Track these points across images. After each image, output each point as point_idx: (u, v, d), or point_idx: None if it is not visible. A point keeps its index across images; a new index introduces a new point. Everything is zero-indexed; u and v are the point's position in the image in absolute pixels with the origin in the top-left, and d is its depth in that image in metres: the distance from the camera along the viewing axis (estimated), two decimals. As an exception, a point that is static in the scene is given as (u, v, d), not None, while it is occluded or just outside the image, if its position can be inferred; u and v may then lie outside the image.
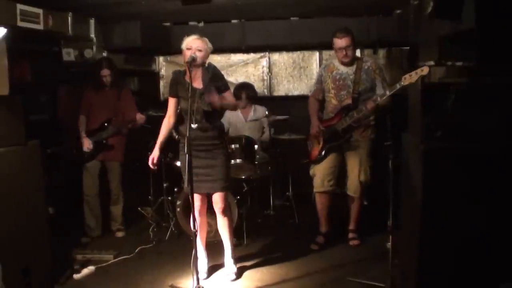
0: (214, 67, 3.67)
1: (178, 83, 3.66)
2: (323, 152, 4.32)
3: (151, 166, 3.76)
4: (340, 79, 4.28)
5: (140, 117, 4.69)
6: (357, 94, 4.19)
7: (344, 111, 4.21)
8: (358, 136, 4.28)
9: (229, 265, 3.86)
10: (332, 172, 4.34)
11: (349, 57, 4.21)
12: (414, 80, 3.65)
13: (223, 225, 3.78)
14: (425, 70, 3.62)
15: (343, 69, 4.28)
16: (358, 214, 4.45)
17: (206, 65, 3.64)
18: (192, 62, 3.40)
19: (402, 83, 3.76)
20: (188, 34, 3.61)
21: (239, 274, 3.86)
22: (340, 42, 4.16)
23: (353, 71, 4.24)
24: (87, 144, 4.64)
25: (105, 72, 4.67)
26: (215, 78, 3.59)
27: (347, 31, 4.19)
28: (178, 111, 3.77)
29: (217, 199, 3.69)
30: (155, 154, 3.75)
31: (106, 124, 4.71)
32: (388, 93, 3.94)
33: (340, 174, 4.41)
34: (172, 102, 3.73)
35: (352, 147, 4.29)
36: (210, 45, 3.61)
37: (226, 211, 3.74)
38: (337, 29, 4.23)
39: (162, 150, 3.80)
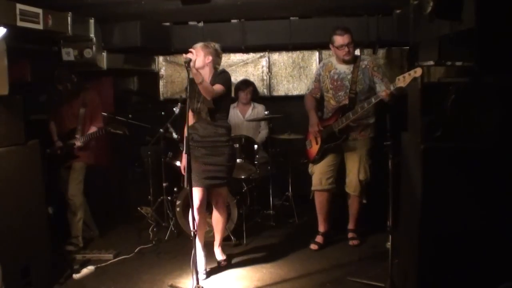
0: (224, 72, 3.80)
1: (190, 85, 3.69)
2: (320, 153, 4.32)
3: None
4: (338, 79, 4.26)
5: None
6: (354, 94, 4.17)
7: (341, 111, 4.20)
8: (357, 135, 4.27)
9: (218, 254, 4.07)
10: (331, 171, 4.34)
11: (351, 54, 4.20)
12: (408, 82, 3.63)
13: (220, 219, 3.98)
14: (418, 72, 3.58)
15: (341, 68, 4.26)
16: (357, 213, 4.44)
17: (219, 70, 3.81)
18: (187, 63, 3.47)
19: (396, 84, 3.74)
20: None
21: (229, 262, 4.08)
22: (342, 39, 4.15)
23: (350, 70, 4.21)
24: (59, 145, 4.59)
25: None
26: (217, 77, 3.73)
27: (347, 28, 4.20)
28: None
29: (221, 192, 3.91)
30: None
31: (70, 135, 4.57)
32: (392, 88, 3.84)
33: (339, 172, 4.40)
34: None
35: (352, 146, 4.28)
36: (214, 49, 3.74)
37: (225, 205, 4.03)
38: (336, 27, 4.24)
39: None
